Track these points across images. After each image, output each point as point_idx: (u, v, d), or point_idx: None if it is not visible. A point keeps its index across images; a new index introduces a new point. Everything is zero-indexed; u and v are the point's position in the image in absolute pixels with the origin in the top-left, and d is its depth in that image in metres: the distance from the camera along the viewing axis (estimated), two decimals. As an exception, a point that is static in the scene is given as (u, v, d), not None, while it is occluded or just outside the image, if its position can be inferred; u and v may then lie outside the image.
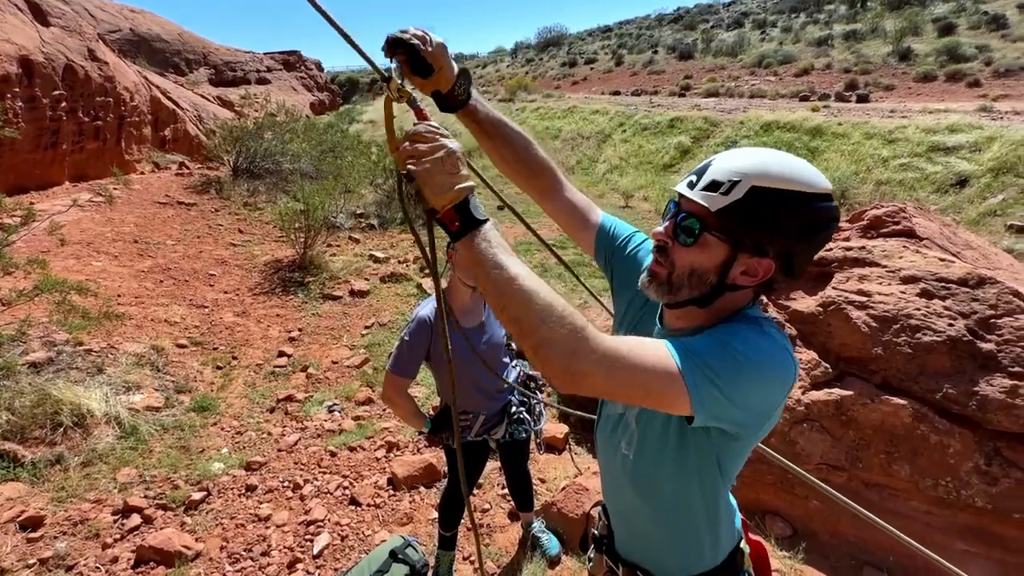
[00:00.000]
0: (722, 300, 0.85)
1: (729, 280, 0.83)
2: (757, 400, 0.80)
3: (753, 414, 0.81)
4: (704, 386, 0.74)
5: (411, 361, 1.84)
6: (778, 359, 0.79)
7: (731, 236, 0.81)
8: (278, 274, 6.80)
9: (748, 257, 0.81)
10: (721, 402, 0.75)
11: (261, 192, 9.89)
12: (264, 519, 2.85)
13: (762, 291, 0.88)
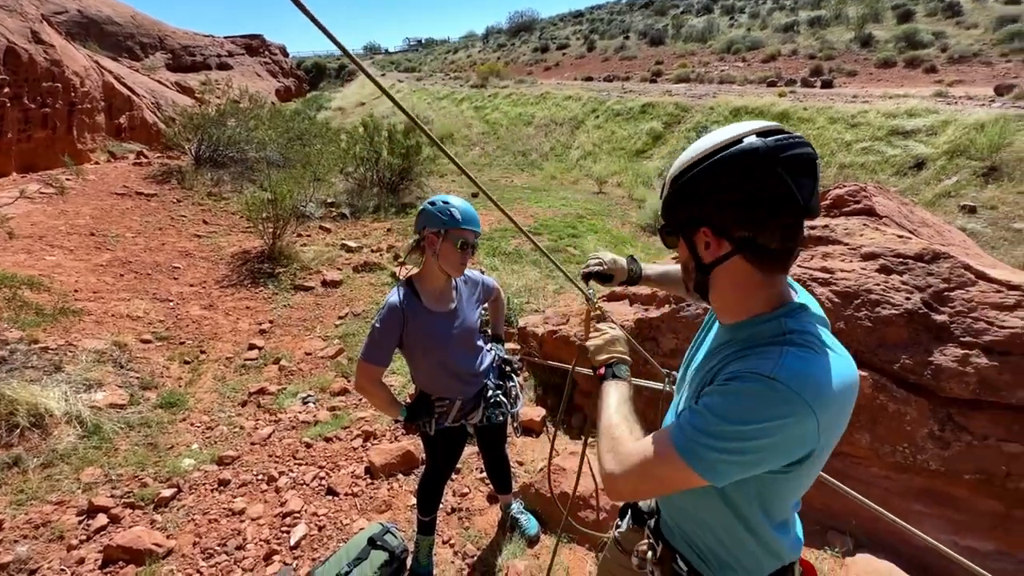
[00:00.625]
0: (720, 283, 0.92)
1: (705, 261, 0.90)
2: (773, 456, 0.82)
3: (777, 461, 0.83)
4: (709, 459, 0.82)
5: (383, 348, 1.81)
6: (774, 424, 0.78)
7: (676, 227, 0.93)
8: (246, 265, 6.61)
9: (694, 234, 0.90)
10: (733, 464, 0.81)
11: (226, 182, 9.55)
12: (238, 513, 2.79)
13: (755, 260, 0.86)
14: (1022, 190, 8.82)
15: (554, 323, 3.97)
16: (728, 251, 0.86)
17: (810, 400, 0.77)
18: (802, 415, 0.77)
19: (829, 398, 0.79)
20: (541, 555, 2.38)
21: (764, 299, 0.89)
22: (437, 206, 1.81)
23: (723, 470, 0.82)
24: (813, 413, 0.77)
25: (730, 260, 0.87)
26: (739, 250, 0.85)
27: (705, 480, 0.83)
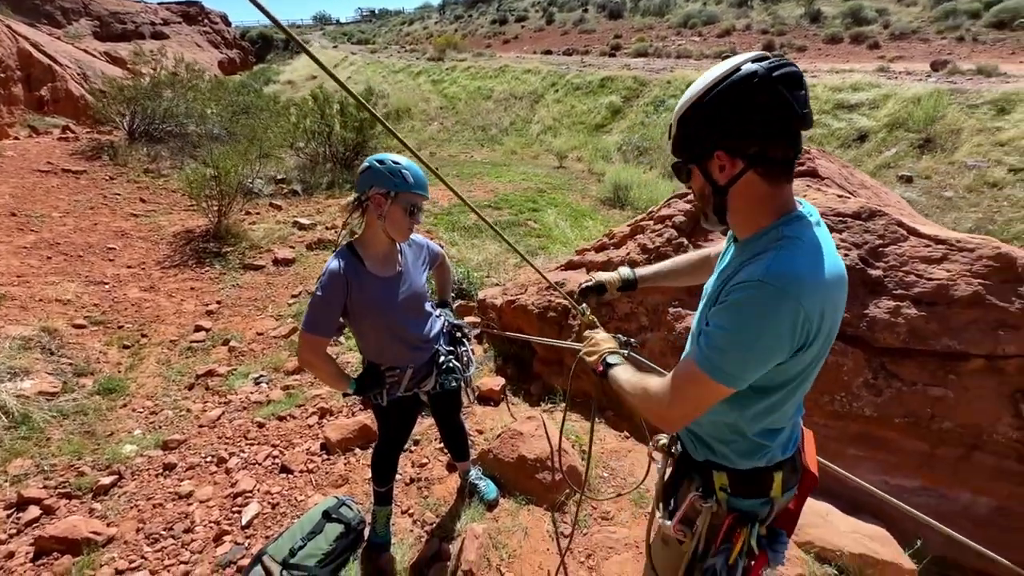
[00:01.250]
0: (735, 202, 1.01)
1: (718, 181, 1.01)
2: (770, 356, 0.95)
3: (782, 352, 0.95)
4: (727, 370, 0.95)
5: (326, 318, 1.73)
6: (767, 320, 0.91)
7: (687, 157, 1.05)
8: (190, 245, 6.26)
9: (708, 161, 1.00)
10: (748, 366, 0.95)
11: (164, 157, 8.95)
12: (186, 496, 2.68)
13: (766, 174, 0.97)
14: (952, 160, 9.37)
15: (513, 293, 3.95)
16: (741, 168, 0.96)
17: (795, 294, 0.89)
18: (790, 308, 0.89)
19: (811, 288, 0.90)
20: (500, 518, 2.39)
21: (771, 210, 0.99)
22: (387, 165, 1.72)
23: (740, 375, 0.96)
24: (800, 305, 0.89)
25: (743, 177, 0.97)
26: (751, 165, 0.96)
27: (730, 388, 0.97)
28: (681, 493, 1.24)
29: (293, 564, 2.08)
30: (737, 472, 1.14)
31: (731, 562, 1.13)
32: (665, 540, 1.28)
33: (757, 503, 1.16)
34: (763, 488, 1.15)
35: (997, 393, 2.27)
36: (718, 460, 1.16)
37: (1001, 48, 15.57)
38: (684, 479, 1.25)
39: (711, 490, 1.17)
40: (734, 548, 1.13)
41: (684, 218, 3.10)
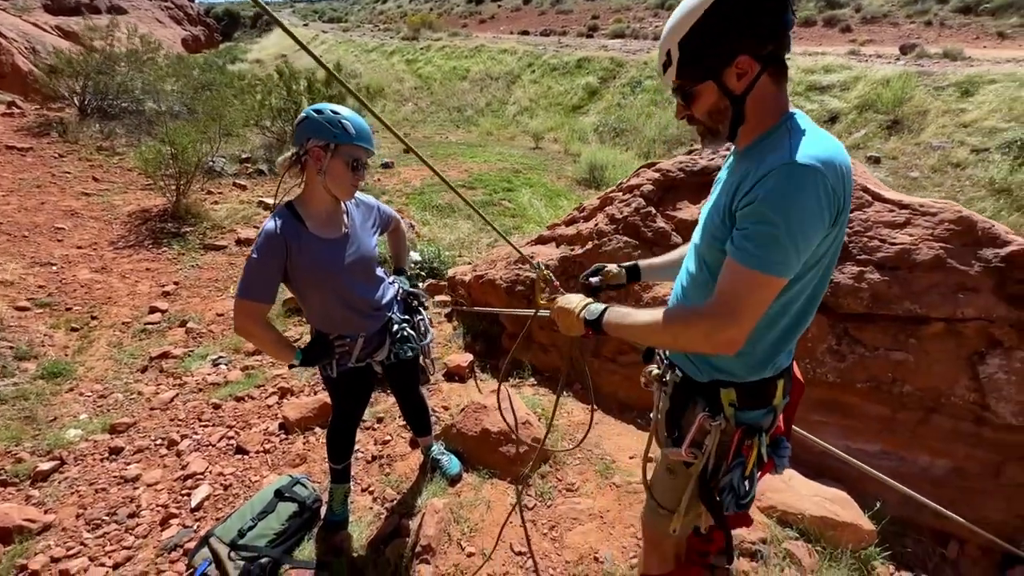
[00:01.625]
0: (751, 107, 1.03)
1: (735, 91, 1.02)
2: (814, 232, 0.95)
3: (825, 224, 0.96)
4: (784, 261, 0.94)
5: (263, 282, 1.60)
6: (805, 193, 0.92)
7: (702, 73, 1.03)
8: (146, 225, 5.97)
9: (725, 68, 1.00)
10: (802, 250, 0.95)
11: (119, 135, 8.49)
12: (132, 480, 2.54)
13: (773, 73, 1.01)
14: (918, 141, 9.54)
15: (482, 269, 3.86)
16: (758, 71, 0.99)
17: (822, 166, 0.92)
18: (822, 181, 0.91)
19: (832, 166, 0.93)
20: (463, 492, 2.33)
21: (777, 109, 1.04)
22: (325, 115, 1.58)
23: (794, 261, 0.96)
24: (827, 179, 0.92)
25: (759, 81, 1.00)
26: (766, 65, 0.99)
27: (786, 278, 0.97)
28: (686, 418, 1.26)
29: (242, 545, 1.99)
30: (744, 385, 1.17)
31: (747, 474, 1.17)
32: (671, 469, 1.31)
33: (761, 413, 1.20)
34: (768, 398, 1.19)
35: (955, 356, 2.28)
36: (725, 377, 1.17)
37: (966, 32, 15.90)
38: (688, 404, 1.26)
39: (718, 408, 1.19)
40: (748, 460, 1.16)
41: (652, 187, 3.04)
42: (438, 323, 4.13)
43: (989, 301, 2.22)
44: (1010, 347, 2.21)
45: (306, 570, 2.01)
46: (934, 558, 2.27)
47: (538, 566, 1.99)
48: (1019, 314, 2.20)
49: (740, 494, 1.17)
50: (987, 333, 2.24)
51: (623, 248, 2.99)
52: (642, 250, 2.92)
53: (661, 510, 1.35)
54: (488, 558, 2.01)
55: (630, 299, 2.96)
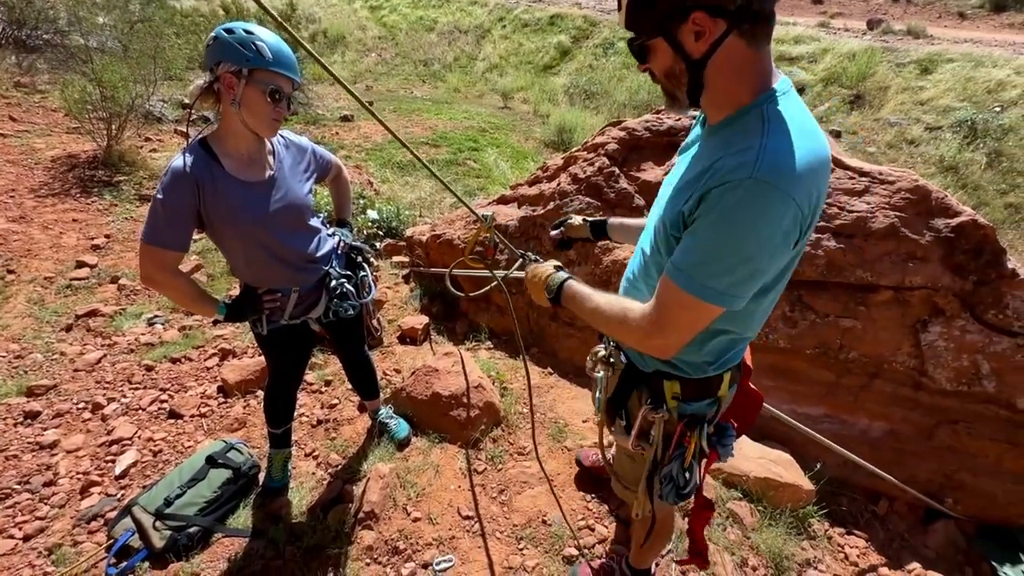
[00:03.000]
0: (713, 77, 0.86)
1: (693, 54, 0.85)
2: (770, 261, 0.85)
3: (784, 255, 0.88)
4: (720, 289, 0.85)
5: (172, 226, 1.41)
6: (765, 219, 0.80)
7: (651, 27, 0.86)
8: (73, 172, 5.43)
9: (680, 26, 0.83)
10: (746, 282, 0.85)
11: (41, 70, 7.65)
12: (49, 446, 2.34)
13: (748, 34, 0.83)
14: (878, 117, 9.75)
15: (440, 229, 3.69)
16: (723, 31, 0.81)
17: (787, 188, 0.78)
18: (786, 205, 0.79)
19: (804, 178, 0.80)
20: (411, 457, 2.26)
21: (754, 81, 0.86)
22: (236, 35, 1.37)
23: (737, 292, 0.85)
24: (793, 199, 0.79)
25: (724, 44, 0.82)
26: (735, 24, 0.80)
27: (724, 308, 0.87)
28: (631, 406, 1.23)
29: (169, 514, 1.86)
30: (689, 380, 1.13)
31: (686, 465, 1.16)
32: (630, 456, 1.29)
33: (704, 404, 1.16)
34: (712, 390, 1.15)
35: (900, 324, 2.33)
36: (670, 370, 1.13)
37: (930, 11, 16.17)
38: (631, 391, 1.23)
39: (661, 400, 1.15)
40: (687, 452, 1.14)
41: (617, 146, 2.92)
42: (395, 284, 3.97)
43: (936, 271, 2.26)
44: (951, 316, 2.26)
45: (240, 538, 1.91)
46: (866, 515, 2.37)
47: (485, 529, 1.95)
48: (962, 284, 2.25)
49: (679, 484, 1.16)
50: (931, 302, 2.29)
51: (585, 209, 2.89)
52: (604, 211, 2.83)
53: (627, 490, 1.37)
54: (434, 522, 1.96)
55: (590, 261, 2.88)
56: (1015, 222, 7.33)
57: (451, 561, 1.83)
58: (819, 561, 2.04)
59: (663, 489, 1.18)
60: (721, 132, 0.90)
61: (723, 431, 1.21)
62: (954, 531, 2.34)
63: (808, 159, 0.80)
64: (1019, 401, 2.19)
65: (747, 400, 1.26)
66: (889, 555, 2.20)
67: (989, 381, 2.22)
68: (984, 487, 2.31)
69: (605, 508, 2.05)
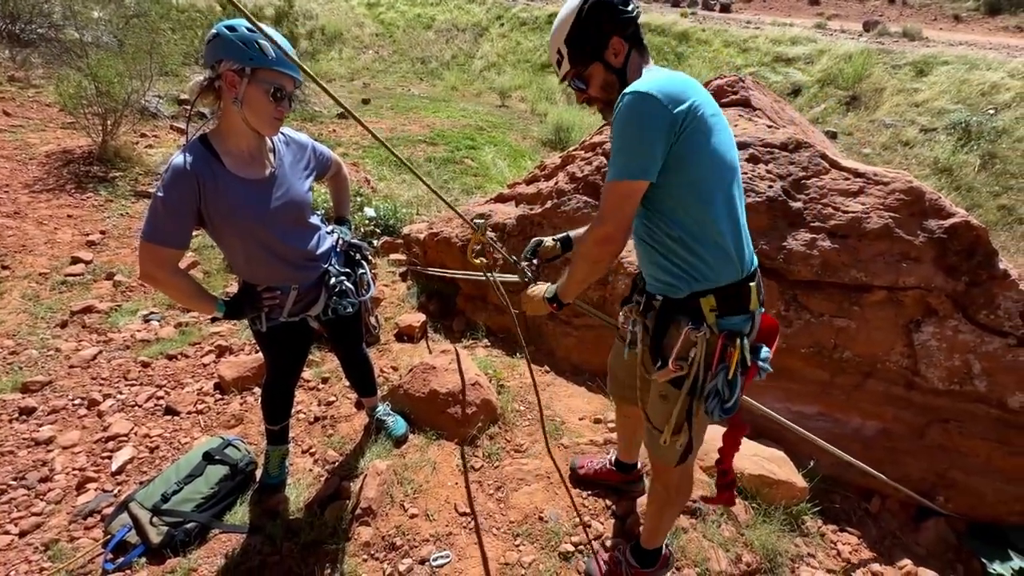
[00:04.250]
0: (630, 76, 1.32)
1: (616, 66, 1.33)
2: (652, 137, 1.17)
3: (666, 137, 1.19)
4: (635, 166, 1.18)
5: (173, 224, 1.41)
6: (633, 111, 1.18)
7: (589, 59, 1.33)
8: (68, 167, 5.40)
9: (605, 50, 1.32)
10: (647, 156, 1.18)
11: (35, 65, 7.59)
12: (44, 442, 2.34)
13: (638, 47, 1.35)
14: (873, 119, 9.81)
15: (437, 227, 3.70)
16: (628, 48, 1.32)
17: (648, 89, 1.16)
18: (651, 101, 1.16)
19: (661, 86, 1.17)
20: (408, 454, 2.27)
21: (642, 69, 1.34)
22: (239, 33, 1.37)
23: (644, 165, 1.18)
24: (657, 98, 1.16)
25: (630, 56, 1.33)
26: (632, 43, 1.33)
27: (644, 180, 1.19)
28: (668, 339, 1.35)
29: (165, 510, 1.86)
30: (721, 290, 1.28)
31: (730, 377, 1.26)
32: (663, 395, 1.39)
33: (741, 319, 1.30)
34: (744, 302, 1.30)
35: (894, 324, 2.35)
36: (702, 285, 1.29)
37: (925, 13, 16.27)
38: (669, 325, 1.35)
39: (700, 318, 1.28)
40: (731, 363, 1.25)
41: (615, 146, 2.93)
42: (392, 282, 3.97)
43: (929, 271, 2.28)
44: (944, 316, 2.29)
45: (238, 534, 1.91)
46: (858, 512, 2.40)
47: (482, 525, 1.97)
48: (955, 284, 2.27)
49: (724, 398, 1.27)
50: (924, 302, 2.31)
51: (582, 208, 2.90)
52: (601, 211, 2.84)
53: (657, 431, 1.44)
54: (431, 519, 1.97)
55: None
56: (1007, 224, 7.40)
57: (448, 557, 1.84)
58: (812, 557, 2.06)
59: (708, 405, 1.29)
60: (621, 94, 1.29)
61: (757, 349, 1.32)
62: (945, 529, 2.37)
63: (662, 77, 1.21)
64: (1010, 400, 2.22)
65: (768, 327, 1.39)
66: (881, 552, 2.23)
67: (980, 381, 2.25)
68: (975, 485, 2.33)
69: (601, 504, 2.06)
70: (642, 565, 1.72)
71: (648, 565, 1.72)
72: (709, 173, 1.24)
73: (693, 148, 1.20)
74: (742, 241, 1.31)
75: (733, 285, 1.29)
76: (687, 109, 1.17)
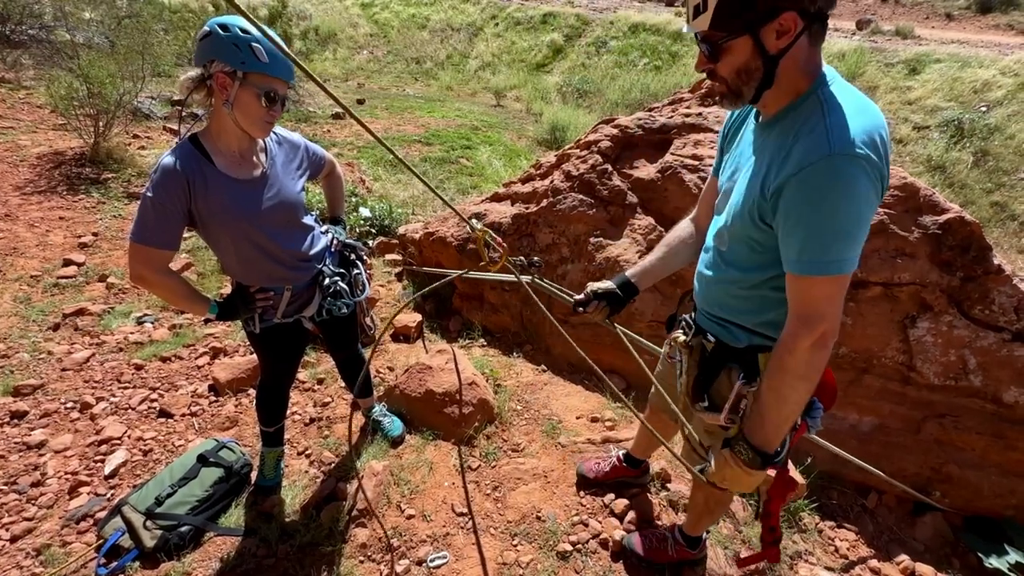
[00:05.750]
0: (783, 71, 0.96)
1: (771, 51, 0.94)
2: (869, 216, 0.94)
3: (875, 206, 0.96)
4: (847, 258, 0.95)
5: (163, 225, 1.39)
6: (853, 185, 0.90)
7: (739, 28, 0.93)
8: (59, 169, 5.36)
9: (766, 24, 0.92)
10: (856, 243, 0.94)
11: (26, 66, 7.53)
12: (36, 447, 2.31)
13: (814, 33, 0.95)
14: (868, 116, 9.85)
15: (433, 227, 3.68)
16: (800, 29, 0.91)
17: (866, 149, 0.88)
18: (868, 163, 0.88)
19: (874, 138, 0.90)
20: (404, 454, 2.25)
21: (811, 71, 0.98)
22: (232, 33, 1.35)
23: (856, 251, 0.94)
24: (870, 158, 0.88)
25: (797, 41, 0.93)
26: (809, 24, 0.92)
27: (852, 271, 0.96)
28: (720, 383, 1.25)
29: (159, 514, 1.84)
30: None
31: None
32: (708, 431, 1.33)
33: None
34: None
35: (889, 319, 2.36)
36: (767, 342, 1.18)
37: (918, 12, 16.35)
38: (719, 370, 1.26)
39: (755, 373, 1.17)
40: None
41: (610, 144, 2.93)
42: (388, 282, 3.95)
43: (924, 266, 2.29)
44: (939, 311, 2.29)
45: (233, 537, 1.89)
46: (855, 508, 2.40)
47: (479, 526, 1.96)
48: (949, 280, 2.28)
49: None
50: (919, 297, 2.32)
51: (578, 206, 2.89)
52: (597, 208, 2.84)
53: (704, 462, 1.34)
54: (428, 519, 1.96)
55: (583, 258, 2.88)
56: (1000, 220, 7.45)
57: (445, 558, 1.83)
58: (810, 554, 2.06)
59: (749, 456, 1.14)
60: (780, 122, 1.01)
61: (811, 405, 1.22)
62: (942, 523, 2.38)
63: (870, 125, 0.91)
64: (1005, 395, 2.22)
65: (827, 384, 1.26)
66: (878, 547, 2.23)
67: (975, 375, 2.25)
68: (970, 480, 2.34)
69: (599, 503, 2.06)
70: (688, 545, 1.78)
71: (692, 547, 1.78)
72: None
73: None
74: None
75: None
76: (888, 169, 0.94)
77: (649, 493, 2.09)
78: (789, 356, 1.01)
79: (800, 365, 1.01)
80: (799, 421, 1.17)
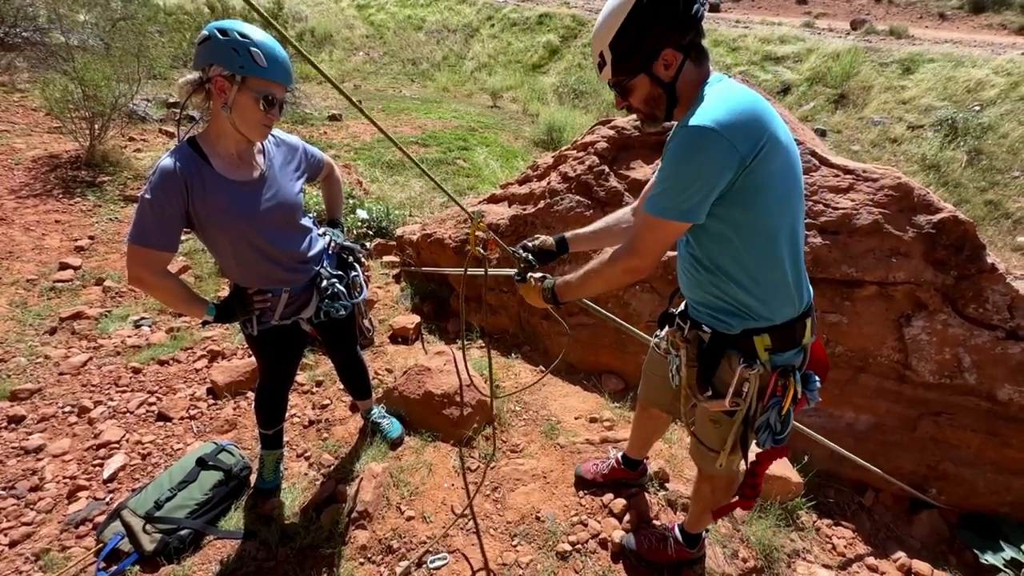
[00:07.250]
0: (681, 89, 1.18)
1: (665, 80, 1.18)
2: (709, 179, 1.08)
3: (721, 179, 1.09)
4: (677, 207, 1.11)
5: (160, 227, 1.39)
6: (693, 149, 1.07)
7: (634, 69, 1.18)
8: (55, 172, 5.34)
9: (654, 63, 1.15)
10: (693, 199, 1.09)
11: (21, 69, 7.49)
12: (34, 451, 2.31)
13: (695, 57, 1.18)
14: (861, 116, 9.90)
15: (431, 228, 3.69)
16: (681, 60, 1.15)
17: (715, 125, 1.04)
18: (713, 134, 1.04)
19: (731, 119, 1.05)
20: (404, 456, 2.26)
21: (699, 83, 1.17)
22: (231, 37, 1.35)
23: (690, 206, 1.10)
24: (717, 131, 1.03)
25: (684, 68, 1.16)
26: (687, 53, 1.15)
27: (686, 222, 1.13)
28: (722, 371, 1.33)
29: (159, 517, 1.84)
30: (776, 328, 1.26)
31: (783, 412, 1.27)
32: (715, 420, 1.40)
33: (793, 354, 1.30)
34: (798, 337, 1.29)
35: (884, 318, 2.37)
36: (757, 323, 1.26)
37: (912, 12, 16.44)
38: (719, 359, 1.32)
39: (753, 356, 1.26)
40: (785, 399, 1.26)
41: (607, 145, 2.94)
42: (385, 284, 3.96)
43: (919, 266, 2.30)
44: (934, 310, 2.31)
45: (233, 540, 1.89)
46: (853, 506, 2.42)
47: (479, 527, 1.96)
48: (944, 278, 2.30)
49: (776, 431, 1.29)
50: (914, 296, 2.33)
51: (575, 207, 2.90)
52: (594, 210, 2.85)
53: (711, 452, 1.45)
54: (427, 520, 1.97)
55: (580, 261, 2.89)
56: (994, 219, 7.50)
57: (445, 559, 1.83)
58: (808, 552, 2.08)
59: (760, 438, 1.29)
60: (682, 120, 1.16)
61: (808, 378, 1.33)
62: (938, 521, 2.40)
63: (730, 108, 1.06)
64: (999, 393, 2.24)
65: (819, 357, 1.40)
66: (875, 545, 2.25)
67: (970, 373, 2.27)
68: (966, 477, 2.36)
69: (598, 503, 2.06)
70: (687, 544, 1.80)
71: (691, 546, 1.80)
72: (776, 211, 1.15)
73: (760, 185, 1.09)
74: (801, 277, 1.27)
75: (788, 323, 1.26)
76: (756, 145, 1.05)
77: (648, 493, 2.10)
78: (607, 266, 1.29)
79: (610, 275, 1.30)
80: (799, 395, 1.27)
